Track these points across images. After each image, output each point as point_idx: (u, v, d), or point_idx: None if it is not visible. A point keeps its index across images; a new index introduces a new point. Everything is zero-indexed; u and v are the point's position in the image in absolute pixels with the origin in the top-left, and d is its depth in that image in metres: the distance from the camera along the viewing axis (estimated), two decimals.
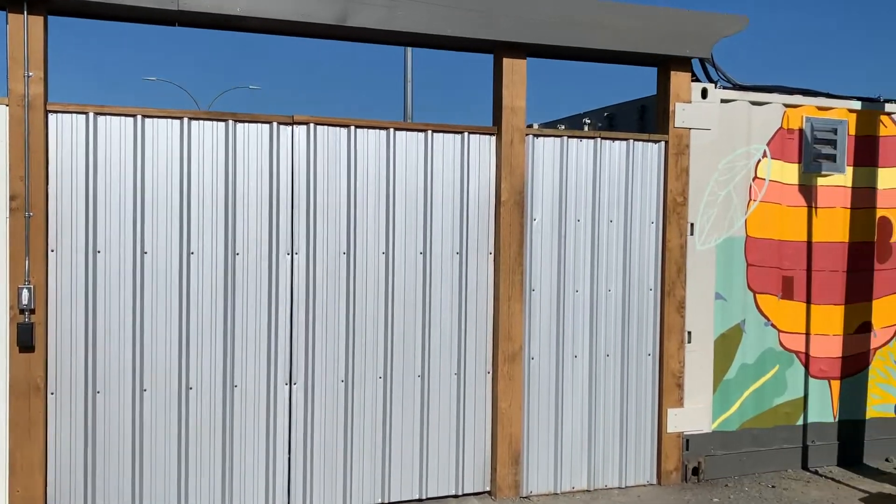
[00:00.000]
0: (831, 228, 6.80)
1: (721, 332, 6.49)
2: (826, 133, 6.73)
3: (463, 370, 5.85)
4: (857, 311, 6.91)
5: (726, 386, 6.52)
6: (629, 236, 6.21)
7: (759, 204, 6.57)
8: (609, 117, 7.27)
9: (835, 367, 6.87)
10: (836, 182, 6.80)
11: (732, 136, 6.47)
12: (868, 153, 6.90)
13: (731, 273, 6.50)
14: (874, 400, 7.02)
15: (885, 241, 6.98)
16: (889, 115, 6.96)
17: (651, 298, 6.29)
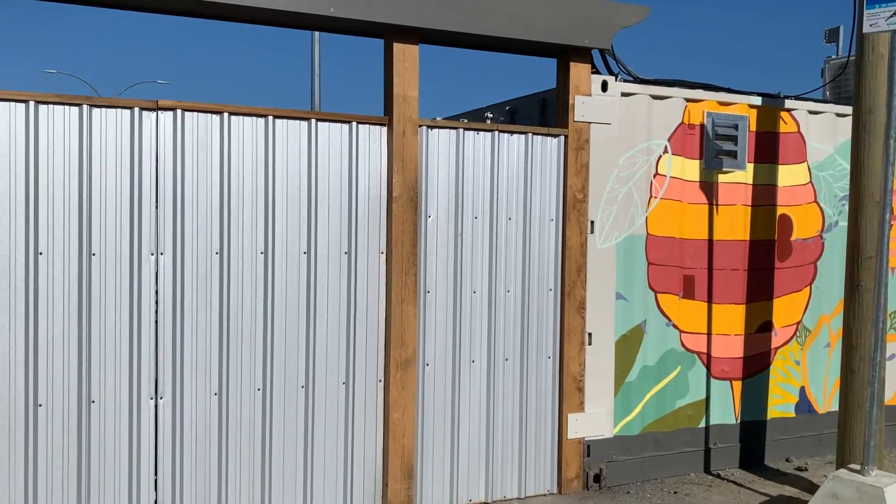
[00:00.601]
0: (732, 226, 6.59)
1: (622, 333, 6.18)
2: (727, 129, 6.51)
3: (352, 379, 5.35)
4: (758, 311, 6.72)
5: (628, 389, 6.22)
6: (529, 234, 5.83)
7: (661, 201, 6.30)
8: (511, 111, 6.88)
9: (736, 367, 6.67)
10: (737, 179, 6.59)
11: (633, 130, 6.17)
12: (769, 150, 6.72)
13: (632, 272, 6.20)
14: (775, 400, 6.85)
15: (785, 240, 6.82)
16: (789, 112, 6.80)
17: (551, 299, 5.92)
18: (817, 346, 6.99)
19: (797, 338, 6.90)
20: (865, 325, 5.69)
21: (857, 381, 5.75)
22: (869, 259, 5.73)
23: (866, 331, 5.67)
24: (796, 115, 6.81)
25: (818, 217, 6.94)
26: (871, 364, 5.23)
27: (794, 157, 6.84)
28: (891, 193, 5.29)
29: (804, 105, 6.84)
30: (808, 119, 6.86)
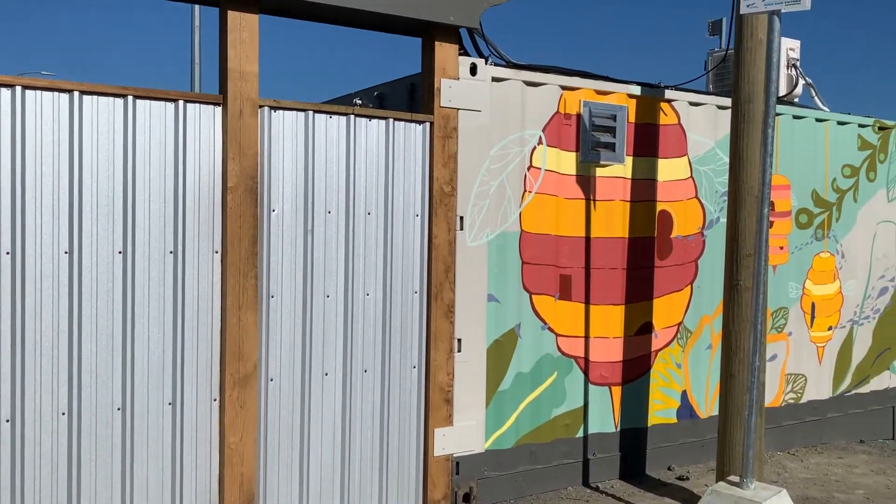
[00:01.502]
0: (611, 223, 6.08)
1: (494, 338, 5.57)
2: (605, 119, 6.00)
3: (180, 399, 4.51)
4: (638, 312, 6.25)
5: (501, 398, 5.61)
6: (391, 231, 5.13)
7: (535, 196, 5.72)
8: (380, 97, 6.17)
9: (616, 371, 6.17)
10: (616, 173, 6.09)
11: (505, 119, 5.57)
12: (648, 142, 6.25)
13: (506, 272, 5.60)
14: (656, 405, 6.39)
15: (665, 237, 6.37)
16: (670, 103, 6.35)
17: (416, 303, 5.24)
18: (699, 347, 6.58)
19: (678, 339, 6.47)
20: (745, 327, 5.27)
21: (736, 387, 5.32)
22: (748, 257, 5.30)
23: (745, 333, 5.24)
24: (677, 107, 6.37)
25: (699, 213, 6.53)
26: (750, 369, 4.79)
27: (675, 151, 6.40)
28: (769, 187, 4.87)
29: (685, 96, 6.41)
30: (688, 111, 6.44)
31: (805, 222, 7.14)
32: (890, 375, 7.84)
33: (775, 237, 6.95)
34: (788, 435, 7.14)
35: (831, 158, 7.30)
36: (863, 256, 7.55)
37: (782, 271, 7.01)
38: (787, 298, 7.06)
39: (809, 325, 7.23)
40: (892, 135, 7.70)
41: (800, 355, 7.17)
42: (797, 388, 7.19)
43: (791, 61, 7.30)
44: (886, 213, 7.71)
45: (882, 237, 7.68)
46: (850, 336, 7.52)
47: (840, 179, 7.36)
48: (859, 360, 7.60)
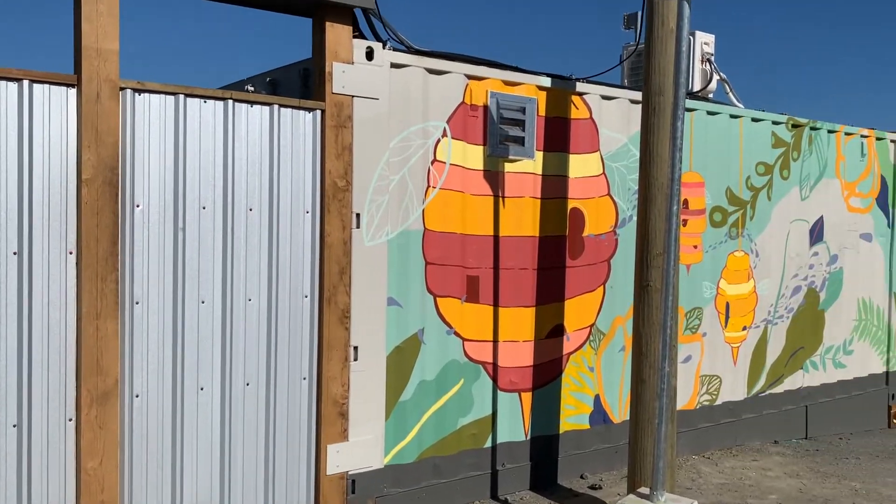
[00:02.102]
0: (520, 221, 5.68)
1: (395, 344, 5.10)
2: (514, 112, 5.59)
3: (26, 420, 3.89)
4: (549, 314, 5.87)
5: (402, 409, 5.15)
6: (276, 229, 4.60)
7: (440, 192, 5.27)
8: (272, 83, 5.62)
9: (526, 377, 5.78)
10: (525, 168, 5.70)
11: (407, 109, 5.10)
12: (559, 137, 5.87)
13: (408, 273, 5.14)
14: (568, 411, 6.03)
15: (577, 236, 6.01)
16: (581, 96, 5.99)
17: (307, 308, 4.73)
18: (612, 350, 6.25)
19: (591, 342, 6.12)
20: (655, 330, 4.93)
21: (647, 393, 4.98)
22: (658, 256, 4.97)
23: (656, 336, 4.90)
24: (588, 101, 6.02)
25: (612, 211, 6.20)
26: (660, 374, 4.44)
27: (587, 146, 6.04)
28: (679, 183, 4.53)
29: (597, 90, 6.06)
30: (601, 105, 6.09)
31: (719, 221, 6.90)
32: (803, 375, 7.70)
33: (689, 236, 6.69)
34: (704, 437, 6.89)
35: (745, 156, 7.08)
36: (777, 255, 7.37)
37: (696, 271, 6.75)
38: (702, 298, 6.80)
39: (724, 325, 7.00)
40: (806, 132, 7.54)
41: (714, 356, 6.93)
42: (712, 390, 6.95)
43: (706, 56, 7.06)
44: (800, 212, 7.55)
45: (795, 236, 7.52)
46: (765, 336, 7.33)
47: (754, 177, 7.16)
48: (773, 359, 7.43)
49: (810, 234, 7.65)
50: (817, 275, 7.73)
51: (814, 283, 7.70)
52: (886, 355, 8.53)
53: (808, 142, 7.58)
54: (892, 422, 8.57)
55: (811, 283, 7.68)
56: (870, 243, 8.24)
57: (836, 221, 7.87)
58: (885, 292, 8.46)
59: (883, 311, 8.45)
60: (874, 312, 8.35)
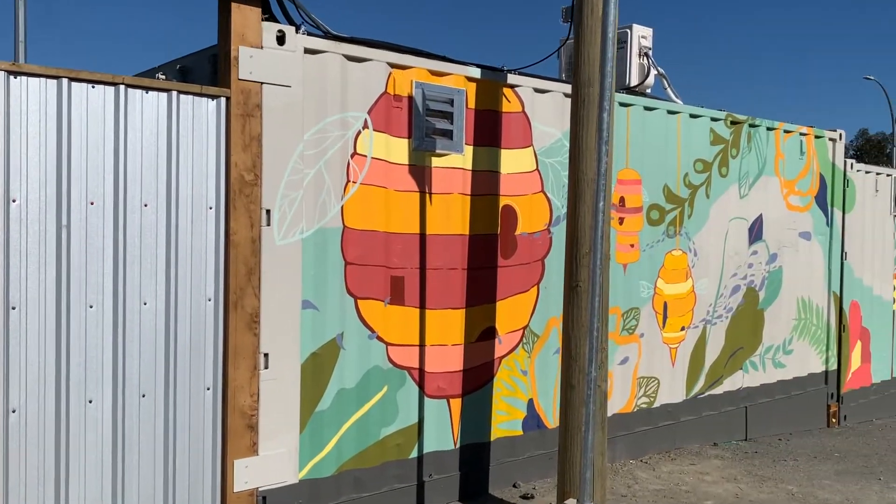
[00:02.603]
0: (449, 218, 5.35)
1: (311, 350, 4.72)
2: (441, 104, 5.26)
3: None
4: (479, 316, 5.55)
5: (319, 420, 4.78)
6: (175, 227, 4.19)
7: (361, 187, 4.91)
8: (182, 70, 5.19)
9: (455, 382, 5.45)
10: (454, 163, 5.37)
11: (323, 98, 4.73)
12: (490, 131, 5.56)
13: (325, 274, 4.77)
14: (500, 417, 5.72)
15: (509, 234, 5.71)
16: (513, 89, 5.69)
17: (210, 312, 4.33)
18: (546, 352, 5.96)
19: (524, 345, 5.83)
20: (585, 333, 4.65)
21: (576, 398, 4.70)
22: (587, 255, 4.69)
23: (585, 339, 4.62)
24: (521, 93, 5.72)
25: (546, 209, 5.91)
26: (587, 380, 4.16)
27: (519, 141, 5.74)
28: (605, 178, 4.26)
29: (529, 82, 5.77)
30: (533, 98, 5.80)
31: (657, 219, 6.67)
32: (743, 375, 7.53)
33: (626, 234, 6.45)
34: (642, 441, 6.66)
35: (683, 153, 6.87)
36: (715, 254, 7.18)
37: (633, 270, 6.51)
38: (639, 298, 6.56)
39: (662, 325, 6.77)
40: (745, 129, 7.37)
41: (652, 357, 6.70)
42: (650, 392, 6.72)
43: (643, 50, 6.83)
44: (739, 210, 7.37)
45: (734, 234, 7.34)
46: (704, 336, 7.13)
47: (692, 174, 6.95)
48: (713, 360, 7.23)
49: (749, 233, 7.48)
50: (756, 274, 7.57)
51: (753, 282, 7.54)
52: (826, 354, 8.42)
53: (746, 139, 7.41)
54: (830, 421, 8.47)
55: (750, 283, 7.51)
56: (809, 242, 8.12)
57: (776, 220, 7.72)
58: (825, 291, 8.35)
59: (822, 310, 8.34)
60: (813, 311, 8.24)
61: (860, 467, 6.64)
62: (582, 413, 4.61)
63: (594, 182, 4.60)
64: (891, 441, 7.81)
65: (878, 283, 9.07)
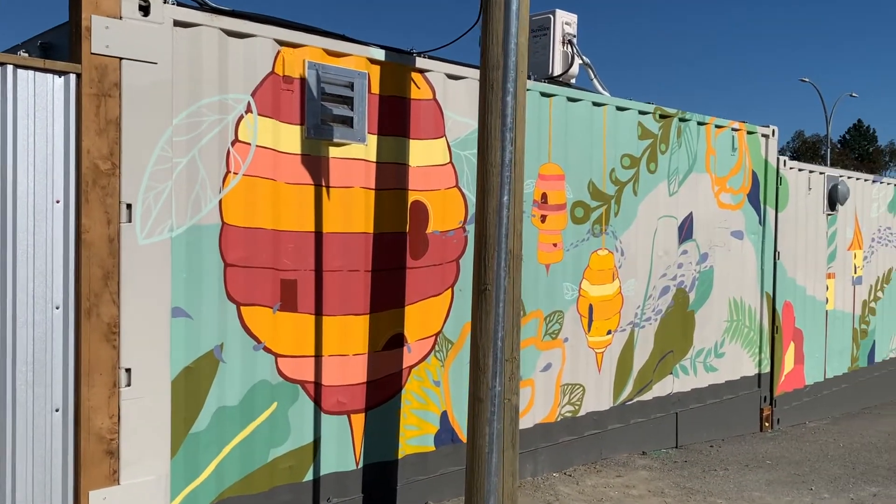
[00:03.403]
0: (350, 215, 4.82)
1: (185, 365, 4.14)
2: (340, 87, 4.72)
3: None
4: (385, 322, 5.03)
5: (195, 442, 4.19)
6: (12, 223, 3.55)
7: (244, 179, 4.34)
8: (44, 46, 4.54)
9: (357, 396, 4.92)
10: (356, 154, 4.84)
11: (198, 77, 4.15)
12: (397, 119, 5.05)
13: (200, 278, 4.18)
14: (409, 432, 5.21)
15: (419, 232, 5.21)
16: (423, 74, 5.19)
17: (58, 322, 3.71)
18: (461, 361, 5.46)
19: (436, 353, 5.32)
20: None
21: (484, 415, 4.22)
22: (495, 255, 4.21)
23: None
24: (432, 79, 5.22)
25: (461, 205, 5.42)
26: (489, 395, 3.68)
27: (430, 131, 5.24)
28: (510, 169, 3.78)
29: (441, 67, 5.27)
30: (446, 85, 5.30)
31: (581, 217, 6.25)
32: (673, 380, 7.17)
33: (548, 233, 6.01)
34: (566, 452, 6.22)
35: (610, 147, 6.46)
36: (644, 254, 6.80)
37: (556, 271, 6.07)
38: (562, 301, 6.13)
39: (587, 329, 6.35)
40: (674, 124, 7.01)
41: (577, 363, 6.28)
42: (575, 400, 6.30)
43: (567, 37, 6.40)
44: (668, 208, 7.01)
45: (663, 233, 6.98)
46: (632, 340, 6.74)
47: (619, 170, 6.55)
48: (641, 365, 6.85)
49: (679, 232, 7.13)
50: (687, 274, 7.22)
51: (683, 282, 7.19)
52: (758, 357, 8.14)
53: (676, 134, 7.05)
54: (763, 425, 8.20)
55: (680, 283, 7.16)
56: (741, 241, 7.82)
57: (707, 218, 7.39)
58: (757, 292, 8.07)
59: (755, 312, 8.06)
60: (746, 313, 7.95)
61: (791, 476, 6.33)
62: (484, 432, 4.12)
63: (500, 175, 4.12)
64: (823, 445, 7.56)
65: (811, 283, 8.85)
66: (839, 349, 9.44)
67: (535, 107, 5.84)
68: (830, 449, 7.39)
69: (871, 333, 10.06)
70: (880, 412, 9.61)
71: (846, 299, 9.51)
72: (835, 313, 9.30)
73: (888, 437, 8.08)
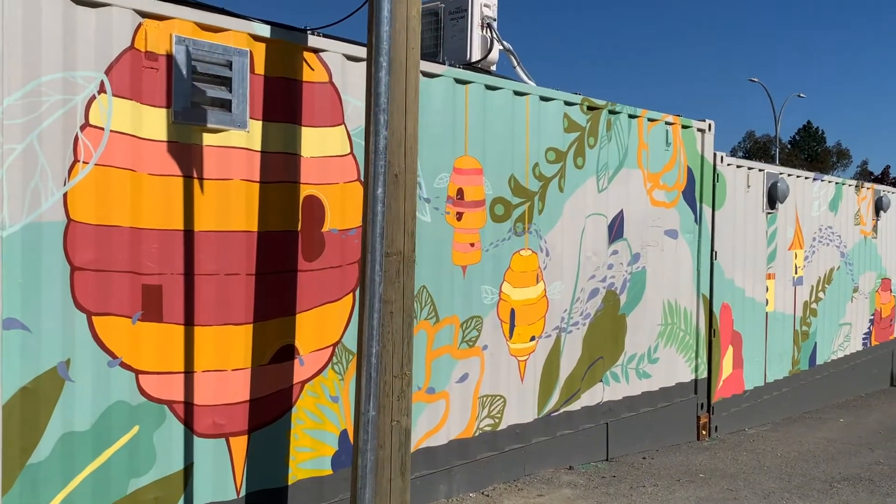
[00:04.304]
0: (228, 211, 4.29)
1: (21, 385, 3.57)
2: (215, 66, 4.20)
3: None
4: (272, 332, 4.52)
5: (33, 474, 3.63)
6: None
7: (95, 169, 3.79)
8: None
9: (238, 416, 4.40)
10: (235, 142, 4.32)
11: (35, 51, 3.59)
12: (286, 104, 4.54)
13: (39, 283, 3.63)
14: (302, 455, 4.71)
15: (314, 231, 4.71)
16: (317, 54, 4.70)
17: None
18: None
19: (334, 365, 4.83)
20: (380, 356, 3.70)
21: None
22: (389, 258, 3.75)
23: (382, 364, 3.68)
24: (328, 60, 4.73)
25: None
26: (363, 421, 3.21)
27: (326, 118, 4.75)
28: (384, 156, 3.34)
29: (338, 47, 4.79)
30: (344, 67, 4.82)
31: (502, 214, 5.83)
32: (604, 388, 6.80)
33: (465, 232, 5.57)
34: (485, 470, 5.80)
35: (533, 140, 6.05)
36: (571, 254, 6.42)
37: (474, 273, 5.64)
38: (481, 305, 5.70)
39: (508, 336, 5.93)
40: (604, 116, 6.64)
41: (497, 373, 5.86)
42: (495, 413, 5.87)
43: (486, 20, 5.98)
44: (597, 205, 6.64)
45: (592, 232, 6.60)
46: (558, 346, 6.35)
47: (543, 165, 6.15)
48: (568, 373, 6.46)
49: (609, 231, 6.77)
50: (617, 276, 6.86)
51: (613, 284, 6.83)
52: (695, 362, 7.84)
53: (606, 127, 6.68)
54: (700, 434, 7.89)
55: (610, 285, 6.80)
56: (675, 240, 7.50)
57: (639, 216, 7.05)
58: (693, 293, 7.76)
59: (691, 314, 7.75)
60: (681, 316, 7.63)
61: (724, 491, 6.00)
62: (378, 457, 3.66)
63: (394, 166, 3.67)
64: (760, 455, 7.28)
65: (750, 284, 8.60)
66: (779, 352, 9.22)
67: (449, 94, 5.40)
68: (767, 459, 7.11)
69: (813, 336, 9.88)
70: (821, 416, 9.43)
71: (787, 301, 9.29)
72: (775, 315, 9.07)
73: (827, 444, 7.86)
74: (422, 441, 5.33)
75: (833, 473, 6.62)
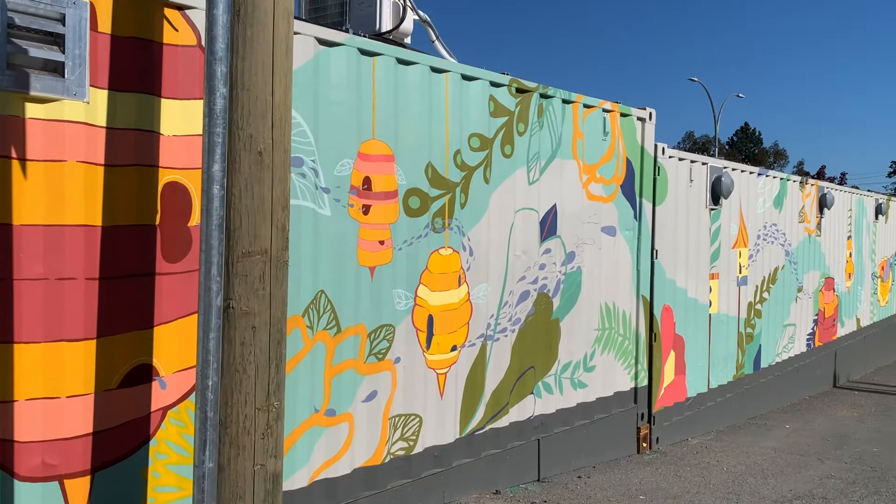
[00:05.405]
0: (60, 201, 3.44)
1: None
2: (42, 20, 3.35)
3: None
4: (123, 348, 3.67)
5: None
6: None
7: None
8: None
9: (76, 453, 3.55)
10: (71, 115, 3.47)
11: None
12: (140, 70, 3.71)
13: None
14: (165, 495, 3.87)
15: (177, 225, 3.88)
16: (181, 11, 3.87)
17: None
18: None
19: None
20: (239, 381, 2.92)
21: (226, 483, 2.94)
22: (247, 257, 2.96)
23: (239, 392, 2.90)
24: (194, 18, 3.90)
25: None
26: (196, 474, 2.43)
27: (194, 89, 3.92)
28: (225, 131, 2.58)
29: None
30: None
31: (418, 208, 5.08)
32: (535, 400, 6.12)
33: (372, 227, 4.81)
34: (396, 501, 5.03)
35: (454, 124, 5.32)
36: (498, 253, 5.71)
37: (383, 275, 4.87)
38: (393, 312, 4.94)
39: (425, 346, 5.19)
40: (535, 100, 5.95)
41: (412, 389, 5.11)
42: (409, 434, 5.12)
43: None
44: (527, 199, 5.94)
45: (522, 229, 5.90)
46: (483, 356, 5.63)
47: (466, 152, 5.42)
48: (495, 385, 5.75)
49: (541, 227, 6.08)
50: (550, 277, 6.18)
51: (546, 286, 6.14)
52: (635, 369, 7.22)
53: (537, 112, 5.99)
54: (641, 446, 7.28)
55: (542, 287, 6.11)
56: (614, 238, 6.86)
57: (573, 212, 6.38)
58: (633, 295, 7.14)
59: (630, 318, 7.13)
60: (619, 319, 7.00)
61: None
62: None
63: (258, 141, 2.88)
64: (705, 470, 6.69)
65: (693, 285, 8.03)
66: (723, 356, 8.69)
67: (353, 68, 4.63)
68: (713, 475, 6.53)
69: (757, 338, 9.39)
70: (767, 422, 8.94)
71: (731, 301, 8.77)
72: (719, 317, 8.54)
73: (775, 454, 7.33)
74: (319, 472, 4.55)
75: (784, 491, 6.06)
